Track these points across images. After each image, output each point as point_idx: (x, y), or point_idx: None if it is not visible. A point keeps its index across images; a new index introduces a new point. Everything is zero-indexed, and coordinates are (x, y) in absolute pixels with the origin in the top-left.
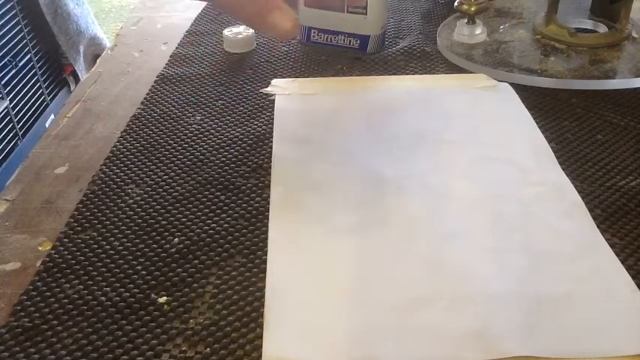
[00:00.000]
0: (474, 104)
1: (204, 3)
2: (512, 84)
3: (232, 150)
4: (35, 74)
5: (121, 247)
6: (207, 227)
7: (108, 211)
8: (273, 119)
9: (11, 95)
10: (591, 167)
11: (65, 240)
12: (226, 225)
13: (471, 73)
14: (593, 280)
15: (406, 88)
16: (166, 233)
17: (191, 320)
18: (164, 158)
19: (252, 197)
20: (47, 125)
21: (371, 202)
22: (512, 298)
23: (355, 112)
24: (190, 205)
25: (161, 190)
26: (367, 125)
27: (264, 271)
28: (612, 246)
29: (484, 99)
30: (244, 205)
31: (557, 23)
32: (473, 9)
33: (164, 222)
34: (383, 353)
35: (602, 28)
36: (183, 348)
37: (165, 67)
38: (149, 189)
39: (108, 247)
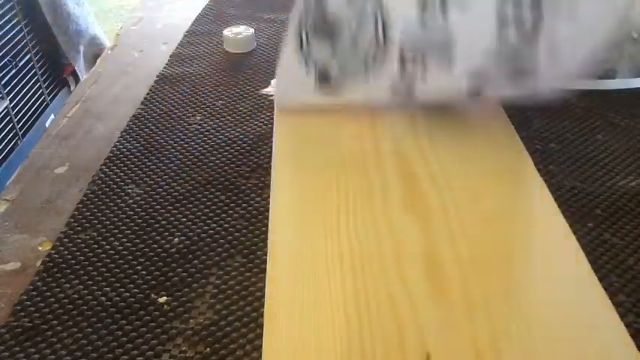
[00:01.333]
0: None
1: (205, 2)
2: None
3: (232, 150)
4: (35, 74)
5: (121, 247)
6: (207, 227)
7: (108, 211)
8: (273, 119)
9: (11, 95)
10: (591, 167)
11: (65, 240)
12: (226, 225)
13: None
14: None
15: None
16: (166, 233)
17: (191, 320)
18: (164, 158)
19: (252, 197)
20: (47, 125)
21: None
22: None
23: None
24: (190, 205)
25: (161, 190)
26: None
27: (264, 271)
28: (612, 246)
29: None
30: (244, 205)
31: None
32: None
33: (164, 222)
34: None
35: None
36: (183, 348)
37: (165, 67)
38: (149, 189)
39: (108, 247)
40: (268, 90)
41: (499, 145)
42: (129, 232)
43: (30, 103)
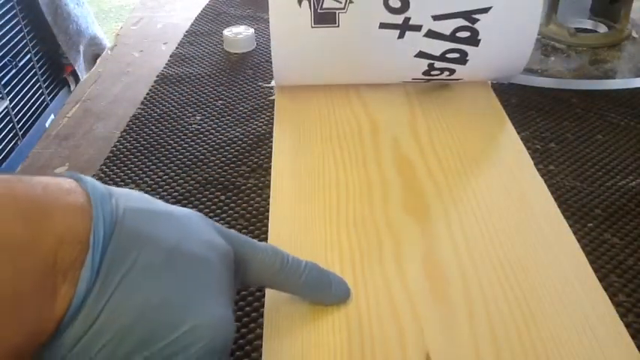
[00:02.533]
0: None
1: (205, 2)
2: (512, 84)
3: (232, 150)
4: (35, 74)
5: None
6: None
7: None
8: (273, 119)
9: (11, 95)
10: (591, 167)
11: None
12: (226, 225)
13: None
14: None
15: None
16: None
17: None
18: (164, 158)
19: (252, 197)
20: (47, 125)
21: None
22: None
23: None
24: (190, 205)
25: (161, 190)
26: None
27: None
28: (612, 246)
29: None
30: (244, 205)
31: (557, 23)
32: None
33: None
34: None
35: (602, 28)
36: None
37: (165, 67)
38: (149, 189)
39: None
40: (271, 84)
41: (499, 145)
42: None
43: (30, 103)
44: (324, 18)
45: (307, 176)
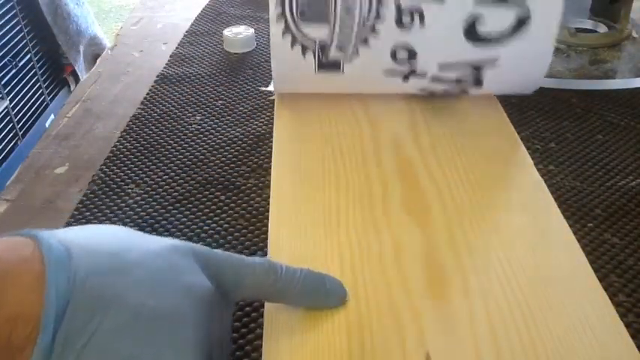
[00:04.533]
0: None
1: (205, 2)
2: None
3: (232, 150)
4: (35, 74)
5: None
6: (207, 227)
7: (108, 211)
8: (273, 119)
9: (11, 95)
10: (591, 167)
11: None
12: (226, 225)
13: None
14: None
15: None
16: (166, 233)
17: None
18: (164, 158)
19: (252, 197)
20: (47, 125)
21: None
22: None
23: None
24: (190, 205)
25: (161, 190)
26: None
27: None
28: (612, 246)
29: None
30: (244, 205)
31: None
32: None
33: (164, 222)
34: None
35: (602, 28)
36: None
37: (165, 67)
38: (149, 189)
39: None
40: (269, 88)
41: (499, 145)
42: None
43: (30, 103)
44: (329, 65)
45: (307, 176)
